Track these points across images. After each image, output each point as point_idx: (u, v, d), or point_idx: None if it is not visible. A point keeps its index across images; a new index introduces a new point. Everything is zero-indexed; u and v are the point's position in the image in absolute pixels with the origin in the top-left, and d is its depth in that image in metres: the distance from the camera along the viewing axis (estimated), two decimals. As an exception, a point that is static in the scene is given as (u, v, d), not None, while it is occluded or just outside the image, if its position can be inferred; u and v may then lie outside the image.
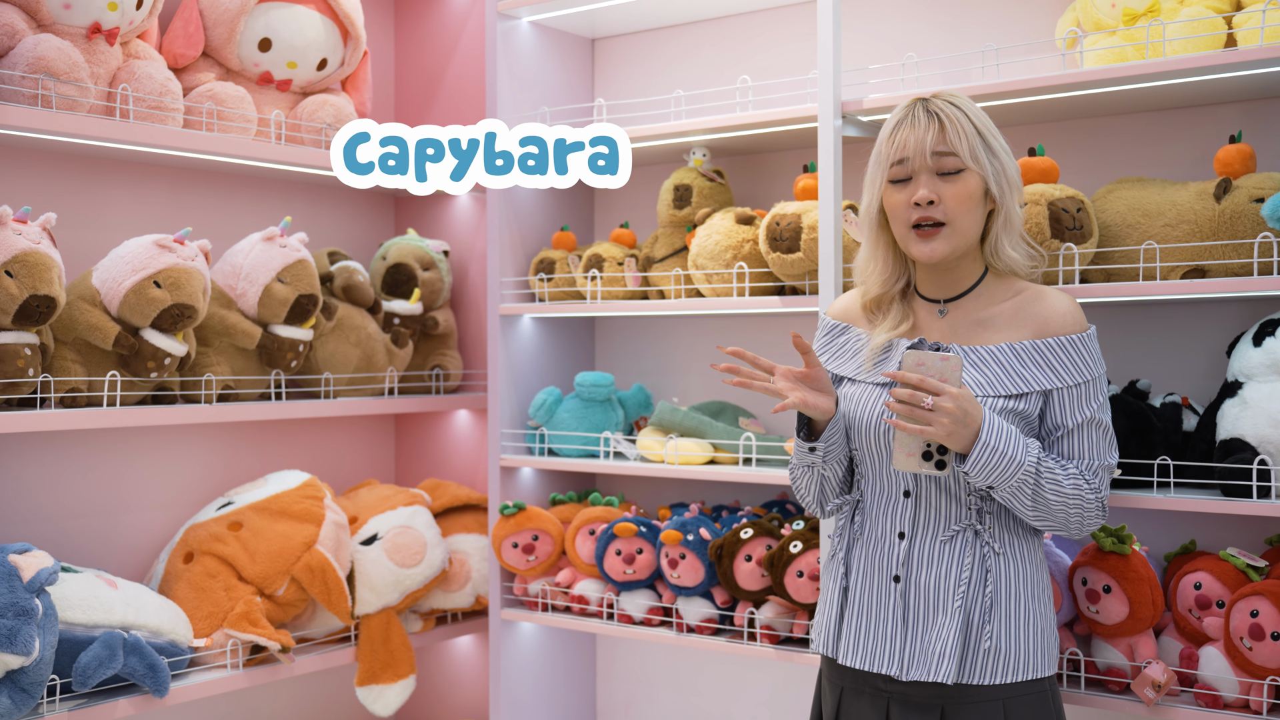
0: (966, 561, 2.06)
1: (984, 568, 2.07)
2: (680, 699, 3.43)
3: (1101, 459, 2.09)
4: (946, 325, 2.16)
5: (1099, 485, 2.08)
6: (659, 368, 3.44)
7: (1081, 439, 2.09)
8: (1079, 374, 2.08)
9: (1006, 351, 2.10)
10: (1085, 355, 2.09)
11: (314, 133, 3.21)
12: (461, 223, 3.72)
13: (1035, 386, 2.07)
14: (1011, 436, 2.00)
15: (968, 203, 2.08)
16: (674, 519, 2.97)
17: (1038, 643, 2.07)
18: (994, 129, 2.13)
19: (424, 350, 3.58)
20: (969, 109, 2.11)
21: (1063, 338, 2.09)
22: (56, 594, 2.62)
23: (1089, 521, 2.09)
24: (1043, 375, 2.08)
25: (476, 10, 3.67)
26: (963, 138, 2.07)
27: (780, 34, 3.23)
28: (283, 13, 3.11)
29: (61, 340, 2.79)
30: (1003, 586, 2.07)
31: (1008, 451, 1.98)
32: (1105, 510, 2.10)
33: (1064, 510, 2.04)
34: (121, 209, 3.13)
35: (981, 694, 2.05)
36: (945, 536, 2.09)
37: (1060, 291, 2.15)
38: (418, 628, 3.35)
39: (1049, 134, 2.82)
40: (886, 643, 2.10)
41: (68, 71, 2.69)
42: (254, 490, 3.17)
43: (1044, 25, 2.84)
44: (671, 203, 3.11)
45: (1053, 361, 2.08)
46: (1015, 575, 2.08)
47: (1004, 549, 2.08)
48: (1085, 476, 2.07)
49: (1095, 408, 2.08)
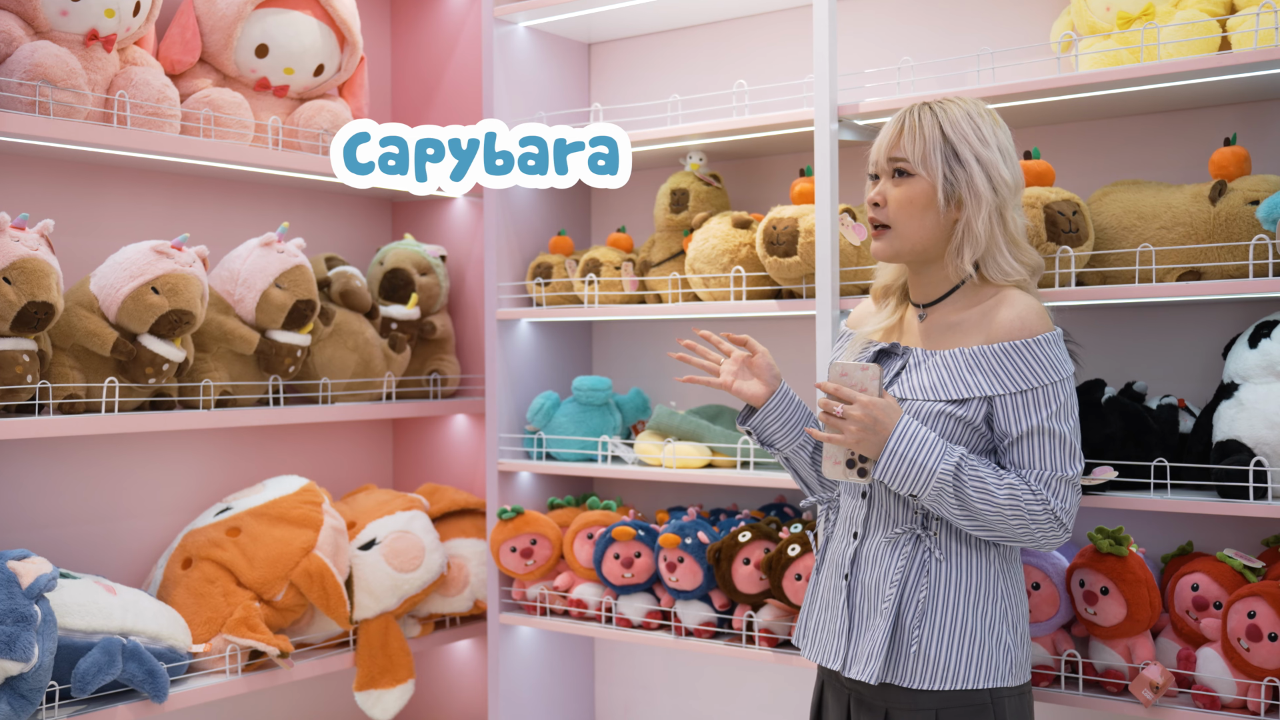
0: (900, 565, 2.09)
1: (922, 571, 2.08)
2: (679, 702, 3.43)
3: (1056, 469, 2.03)
4: (924, 329, 2.19)
5: (1050, 496, 2.02)
6: (656, 372, 3.45)
7: (1029, 447, 2.04)
8: (1024, 380, 2.04)
9: (958, 357, 2.10)
10: (1031, 361, 2.05)
11: (311, 138, 3.22)
12: (458, 228, 3.72)
13: (978, 392, 2.06)
14: (926, 445, 2.02)
15: (909, 207, 2.12)
16: (672, 522, 2.97)
17: (975, 652, 2.05)
18: (981, 136, 2.11)
19: (421, 355, 3.58)
20: (950, 116, 2.12)
21: (1009, 343, 2.06)
22: (55, 600, 2.62)
23: (1040, 534, 2.03)
24: (985, 381, 2.06)
25: (473, 16, 3.68)
26: (916, 143, 2.11)
27: (776, 38, 3.24)
28: (280, 19, 3.12)
29: (60, 347, 2.79)
30: (939, 592, 2.07)
31: (918, 459, 2.01)
32: (1063, 523, 2.03)
33: (1000, 520, 2.01)
34: (119, 215, 3.13)
35: (917, 700, 2.07)
36: (890, 538, 2.12)
37: (1023, 295, 2.11)
38: (416, 632, 3.35)
39: (1044, 137, 2.82)
40: (835, 639, 2.18)
41: (65, 78, 2.70)
42: (252, 496, 3.17)
43: (1039, 29, 2.85)
44: (668, 207, 3.12)
45: (996, 367, 2.06)
46: (954, 582, 2.07)
47: (946, 555, 2.08)
48: (1032, 487, 2.02)
49: (1044, 416, 2.03)
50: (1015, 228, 2.13)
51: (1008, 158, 2.13)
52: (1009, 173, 2.12)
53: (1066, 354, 2.10)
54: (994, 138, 2.12)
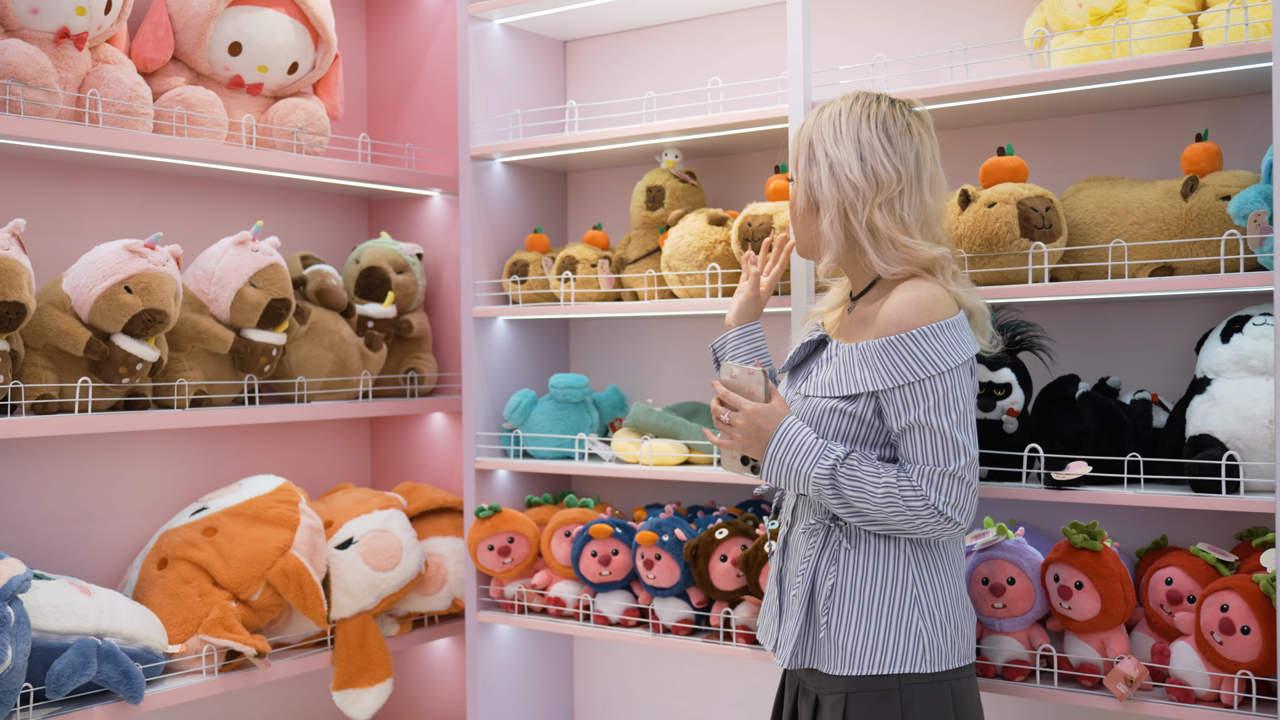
0: (810, 554, 2.16)
1: (831, 560, 2.13)
2: (658, 700, 3.43)
3: (936, 463, 2.03)
4: (846, 322, 2.24)
5: (931, 492, 2.02)
6: (633, 369, 3.45)
7: (910, 442, 2.05)
8: (899, 375, 2.04)
9: (853, 353, 2.12)
10: (907, 356, 2.04)
11: (285, 136, 3.20)
12: (434, 226, 3.71)
13: (863, 388, 2.08)
14: (802, 449, 2.09)
15: (793, 209, 2.24)
16: (649, 520, 2.97)
17: (881, 639, 2.07)
18: (837, 135, 2.12)
19: (398, 353, 3.57)
20: (821, 116, 2.17)
21: (887, 338, 2.06)
22: (29, 602, 2.60)
23: (927, 529, 2.04)
24: (870, 376, 2.08)
25: (448, 13, 3.67)
26: (792, 148, 2.21)
27: (751, 35, 3.24)
28: (253, 16, 3.10)
29: (32, 347, 2.77)
30: (846, 580, 2.11)
31: (794, 464, 2.10)
32: (949, 517, 2.03)
33: (879, 515, 2.04)
34: (92, 214, 3.12)
35: (832, 684, 2.13)
36: (806, 527, 2.19)
37: (910, 287, 2.08)
38: (394, 631, 3.34)
39: (1017, 133, 2.83)
40: (771, 623, 2.28)
41: (35, 77, 2.68)
42: (228, 495, 3.16)
43: (1012, 25, 2.86)
44: (644, 204, 3.12)
45: (877, 362, 2.07)
46: (861, 570, 2.10)
47: (855, 544, 2.12)
48: (913, 482, 2.03)
49: (921, 410, 2.03)
50: (888, 223, 2.10)
51: (871, 153, 2.10)
52: (860, 171, 2.10)
53: (955, 343, 2.05)
54: (854, 134, 2.11)
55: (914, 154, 2.13)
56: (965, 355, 2.05)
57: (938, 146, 2.20)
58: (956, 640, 2.11)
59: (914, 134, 2.14)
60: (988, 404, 2.52)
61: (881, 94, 2.18)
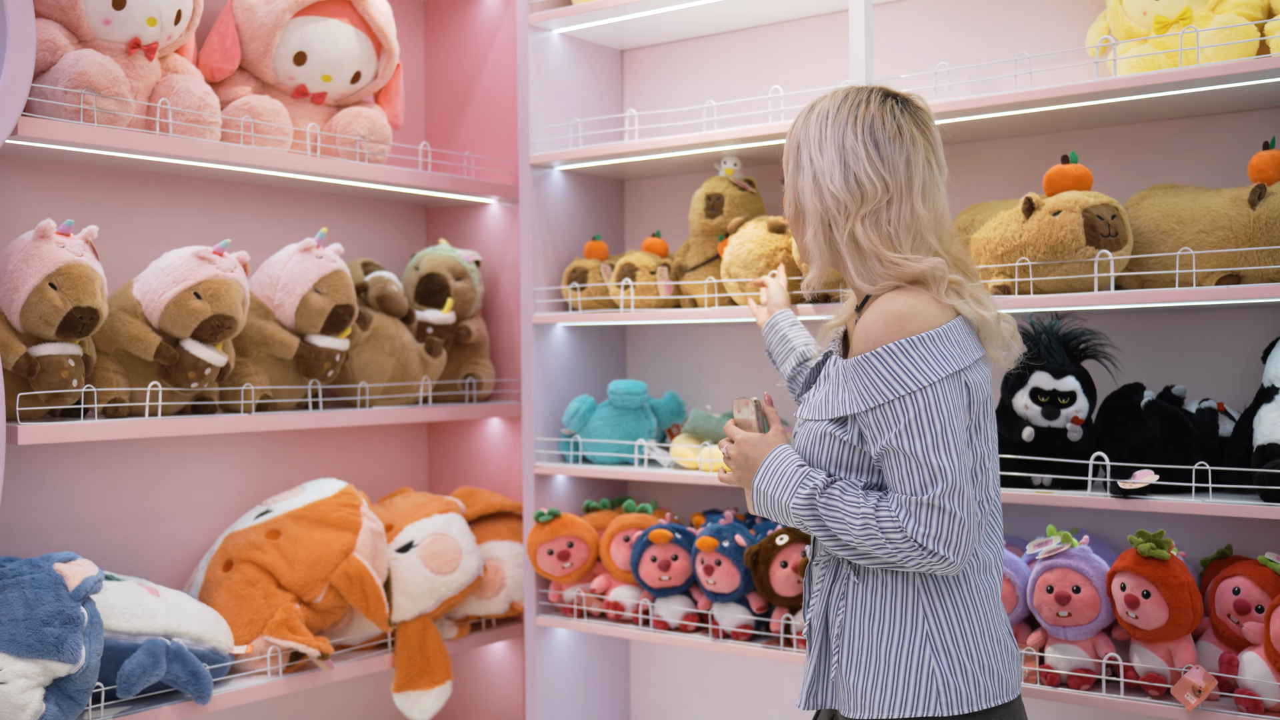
0: (820, 588, 2.05)
1: (840, 596, 2.00)
2: (714, 704, 3.44)
3: (910, 491, 1.84)
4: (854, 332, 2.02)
5: (907, 522, 1.84)
6: (691, 375, 3.46)
7: (887, 468, 1.88)
8: (870, 397, 1.88)
9: (840, 371, 1.99)
10: (874, 376, 1.88)
11: (348, 145, 3.24)
12: (492, 233, 3.74)
13: (847, 410, 1.93)
14: (783, 479, 1.98)
15: (786, 215, 2.09)
16: (709, 525, 2.99)
17: (891, 681, 1.92)
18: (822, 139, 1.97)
19: (457, 359, 3.60)
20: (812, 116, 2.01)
21: (857, 357, 1.91)
22: (101, 602, 2.65)
23: (911, 563, 1.87)
24: (849, 398, 1.93)
25: (506, 23, 3.70)
26: (785, 148, 2.06)
27: (811, 44, 3.25)
28: (317, 26, 3.14)
29: (104, 351, 2.82)
30: (854, 619, 1.97)
31: (774, 495, 1.99)
32: (931, 550, 1.84)
33: (863, 547, 1.89)
34: (160, 221, 3.17)
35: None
36: (819, 560, 2.08)
37: (886, 300, 1.92)
38: (453, 634, 3.37)
39: (1082, 141, 2.83)
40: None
41: (109, 86, 2.73)
42: (291, 498, 3.20)
43: (1074, 34, 2.86)
44: (703, 212, 3.13)
45: (853, 384, 1.92)
46: (868, 608, 1.96)
47: (864, 578, 1.97)
48: (892, 512, 1.86)
49: (891, 434, 1.86)
50: (871, 238, 1.94)
51: (855, 161, 1.95)
52: (842, 182, 1.95)
53: (930, 358, 1.86)
54: (839, 139, 1.96)
55: (904, 161, 1.94)
56: (943, 371, 1.85)
57: (938, 145, 2.01)
58: (981, 679, 1.92)
59: (905, 138, 1.95)
60: (1052, 412, 2.52)
61: (874, 90, 2.00)
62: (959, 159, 3.00)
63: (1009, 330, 2.01)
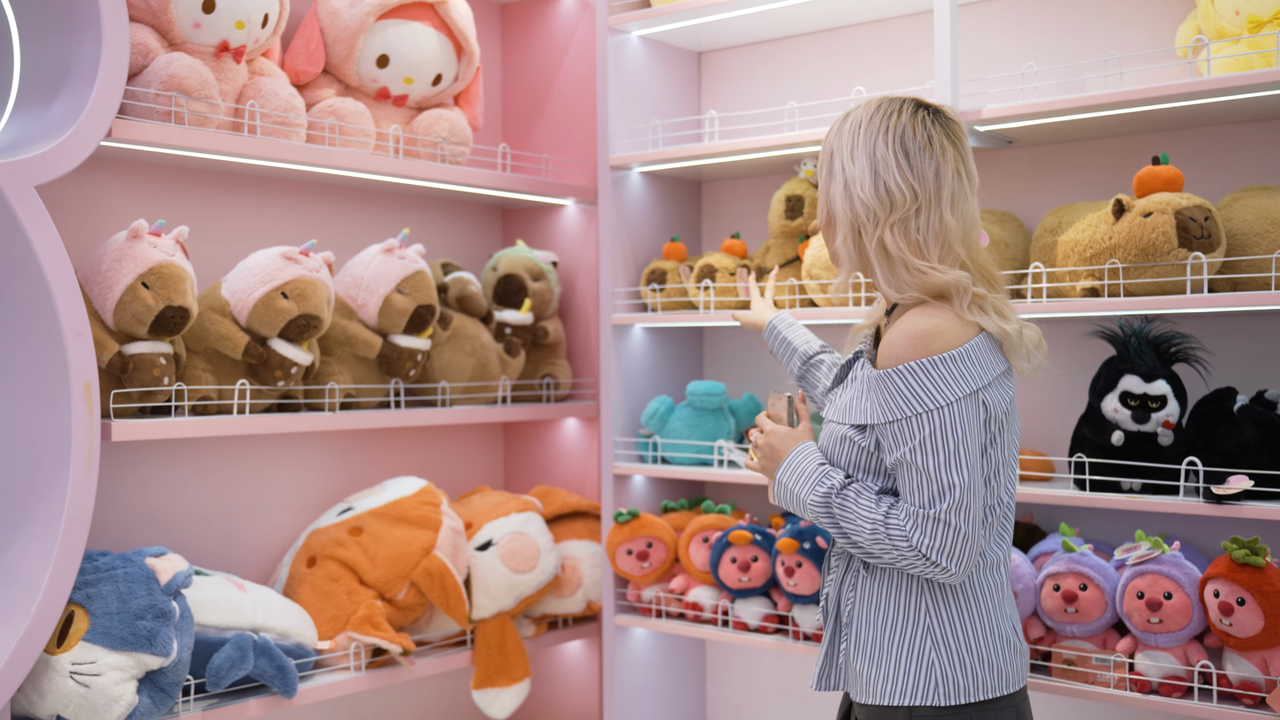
0: (833, 577, 2.12)
1: (849, 586, 2.08)
2: (790, 706, 3.44)
3: (919, 504, 1.91)
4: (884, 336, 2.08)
5: (913, 532, 1.91)
6: (769, 377, 3.46)
7: (900, 479, 1.95)
8: (888, 411, 1.94)
9: (864, 381, 2.05)
10: (895, 392, 1.93)
11: (429, 146, 3.27)
12: (568, 234, 3.76)
13: (868, 420, 1.99)
14: (802, 475, 2.05)
15: (820, 220, 2.12)
16: (789, 527, 2.98)
17: (891, 670, 2.00)
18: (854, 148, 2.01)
19: (534, 359, 3.62)
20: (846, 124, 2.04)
21: (880, 372, 1.96)
22: (191, 597, 2.69)
23: (914, 570, 1.94)
24: (870, 408, 1.99)
25: (583, 25, 3.71)
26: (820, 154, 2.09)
27: (894, 46, 3.23)
28: (400, 29, 3.17)
29: (193, 350, 2.86)
30: (861, 608, 2.05)
31: (794, 490, 2.07)
32: (934, 561, 1.91)
33: (871, 549, 1.97)
34: (247, 221, 3.21)
35: (861, 710, 2.07)
36: (835, 551, 2.15)
37: (912, 316, 1.97)
38: (530, 632, 3.39)
39: (1173, 142, 2.80)
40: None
41: (199, 89, 2.77)
42: (373, 496, 3.23)
43: (1163, 33, 2.82)
44: (783, 213, 3.13)
45: (874, 396, 1.98)
46: (874, 599, 2.03)
47: (871, 571, 2.04)
48: (900, 521, 1.93)
49: (906, 449, 1.92)
50: (899, 245, 1.97)
51: (885, 170, 1.98)
52: (872, 190, 1.98)
53: (950, 378, 1.91)
54: (870, 148, 2.00)
55: (933, 170, 1.97)
56: (960, 391, 1.90)
57: (968, 155, 2.04)
58: (979, 672, 1.97)
59: (935, 148, 1.98)
60: (1142, 416, 2.50)
61: (906, 100, 2.03)
62: (1045, 160, 2.98)
63: (1033, 339, 2.04)
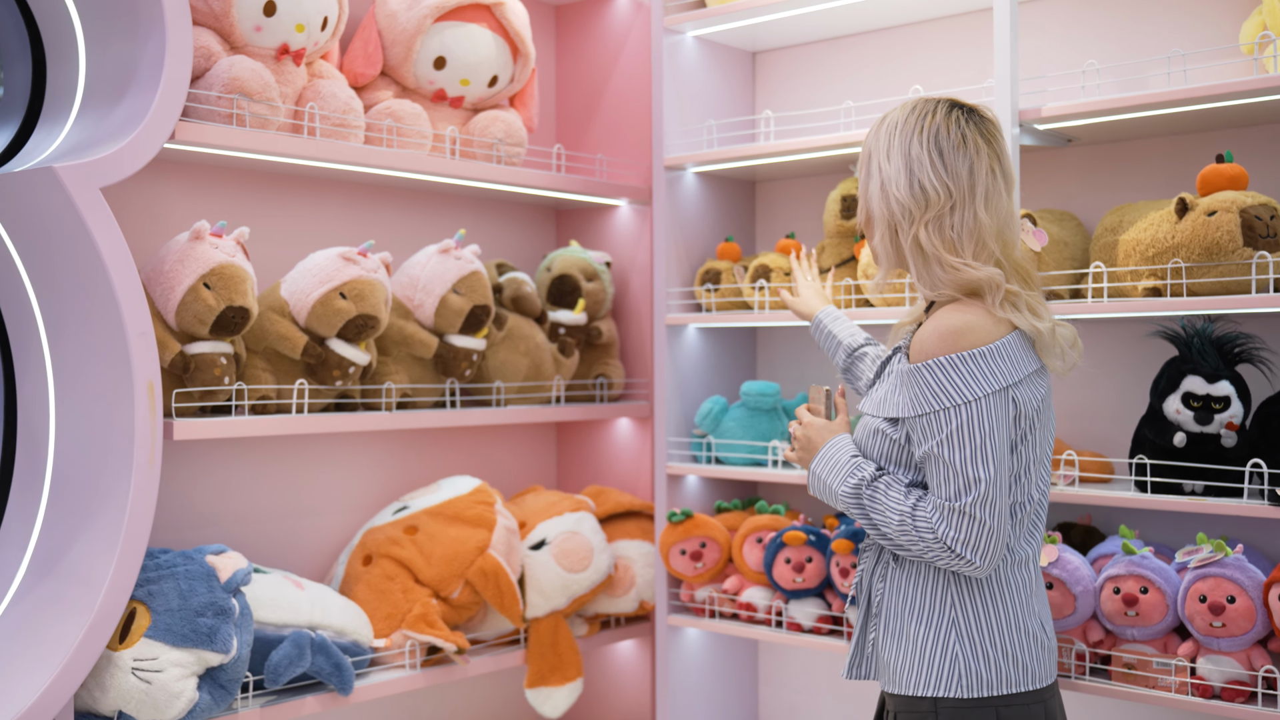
0: (864, 568, 2.19)
1: (879, 577, 2.15)
2: (843, 707, 3.42)
3: (946, 497, 1.97)
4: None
5: (939, 524, 1.97)
6: (823, 377, 3.45)
7: (929, 472, 2.01)
8: (918, 405, 2.00)
9: (898, 375, 2.10)
10: (924, 386, 1.98)
11: (485, 148, 3.29)
12: (622, 235, 3.77)
13: (900, 413, 2.06)
14: (835, 466, 2.13)
15: (860, 219, 2.17)
16: (844, 528, 2.97)
17: (917, 660, 2.06)
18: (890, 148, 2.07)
19: (588, 359, 3.63)
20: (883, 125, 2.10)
21: (912, 366, 2.02)
22: (249, 594, 2.72)
23: (940, 562, 2.00)
24: (902, 402, 2.05)
25: (638, 26, 3.72)
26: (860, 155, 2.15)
27: (952, 44, 3.21)
28: (457, 31, 3.19)
29: (253, 350, 2.90)
30: (890, 598, 2.12)
31: (827, 480, 2.14)
32: (958, 554, 1.96)
33: (899, 540, 2.03)
34: (305, 222, 3.24)
35: (891, 700, 2.14)
36: (867, 543, 2.21)
37: (945, 313, 2.02)
38: (583, 631, 3.40)
39: (1237, 140, 2.76)
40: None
41: (260, 91, 2.80)
42: (428, 495, 3.25)
43: (1226, 30, 2.79)
44: (839, 213, 3.12)
45: (906, 389, 2.04)
46: (903, 590, 2.10)
47: (901, 563, 2.11)
48: (927, 513, 1.98)
49: (933, 442, 1.98)
50: (934, 242, 2.03)
51: (920, 168, 2.03)
52: (907, 188, 2.04)
53: (979, 374, 1.96)
54: (905, 148, 2.05)
55: (967, 169, 2.03)
56: (990, 388, 1.95)
57: (1004, 154, 2.08)
58: (1004, 666, 2.03)
59: (969, 146, 2.03)
60: (1205, 417, 2.47)
61: (941, 101, 2.09)
62: (1105, 159, 2.95)
63: (1067, 338, 2.07)
